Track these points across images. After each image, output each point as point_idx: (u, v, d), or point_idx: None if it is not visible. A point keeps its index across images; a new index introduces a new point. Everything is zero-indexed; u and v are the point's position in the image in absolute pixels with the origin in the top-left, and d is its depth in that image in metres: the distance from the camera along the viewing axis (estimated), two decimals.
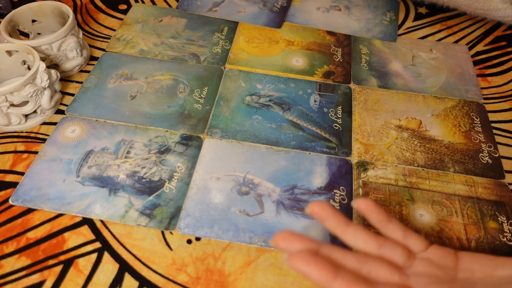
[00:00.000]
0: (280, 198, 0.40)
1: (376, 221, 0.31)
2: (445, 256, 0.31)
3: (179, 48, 0.55)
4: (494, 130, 0.47)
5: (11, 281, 0.35)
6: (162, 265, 0.36)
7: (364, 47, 0.56)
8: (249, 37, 0.57)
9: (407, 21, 0.61)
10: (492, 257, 0.31)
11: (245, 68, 0.53)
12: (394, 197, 0.41)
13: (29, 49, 0.45)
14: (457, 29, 0.60)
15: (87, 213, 0.39)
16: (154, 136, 0.45)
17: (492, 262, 0.30)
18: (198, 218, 0.39)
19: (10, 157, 0.43)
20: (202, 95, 0.49)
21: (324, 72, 0.53)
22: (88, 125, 0.46)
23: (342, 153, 0.44)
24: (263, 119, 0.47)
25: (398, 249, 0.30)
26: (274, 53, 0.55)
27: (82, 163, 0.42)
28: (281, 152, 0.44)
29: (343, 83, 0.51)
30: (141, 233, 0.38)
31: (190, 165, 0.43)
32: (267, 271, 0.36)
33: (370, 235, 0.30)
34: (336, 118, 0.47)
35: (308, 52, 0.55)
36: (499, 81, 0.53)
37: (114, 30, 0.57)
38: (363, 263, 0.29)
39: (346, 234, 0.30)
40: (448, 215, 0.40)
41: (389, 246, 0.30)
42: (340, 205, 0.40)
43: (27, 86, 0.42)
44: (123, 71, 0.51)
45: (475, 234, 0.39)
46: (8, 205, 0.39)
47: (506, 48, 0.58)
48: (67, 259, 0.36)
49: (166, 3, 0.62)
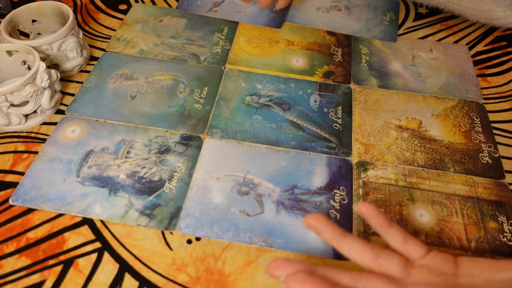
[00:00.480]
0: (280, 198, 0.40)
1: (377, 225, 0.31)
2: (445, 262, 0.31)
3: (179, 48, 0.55)
4: (494, 130, 0.47)
5: (11, 281, 0.35)
6: (162, 265, 0.36)
7: (364, 47, 0.56)
8: (249, 37, 0.57)
9: (407, 21, 0.61)
10: (491, 261, 0.31)
11: (245, 68, 0.53)
12: (394, 197, 0.41)
13: (29, 49, 0.45)
14: (457, 29, 0.60)
15: (87, 213, 0.39)
16: (154, 136, 0.45)
17: (492, 266, 0.30)
18: (198, 218, 0.39)
19: (10, 157, 0.43)
20: (202, 95, 0.49)
21: (324, 72, 0.53)
22: (88, 125, 0.46)
23: (342, 153, 0.44)
24: (263, 119, 0.47)
25: (395, 259, 0.30)
26: (274, 53, 0.55)
27: (82, 163, 0.42)
28: (281, 152, 0.44)
29: (343, 83, 0.51)
30: (141, 233, 0.38)
31: (190, 165, 0.43)
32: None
33: (366, 246, 0.30)
34: (336, 118, 0.47)
35: (308, 52, 0.55)
36: (499, 81, 0.53)
37: (114, 30, 0.57)
38: (358, 281, 0.29)
39: (343, 245, 0.30)
40: (448, 215, 0.40)
41: (386, 256, 0.30)
42: (340, 205, 0.40)
43: (27, 86, 0.42)
44: (123, 71, 0.52)
45: (475, 234, 0.39)
46: (8, 205, 0.39)
47: (506, 48, 0.58)
48: (67, 259, 0.36)
49: (166, 3, 0.62)
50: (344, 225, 0.39)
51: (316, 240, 0.38)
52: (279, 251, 0.37)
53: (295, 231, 0.38)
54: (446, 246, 0.37)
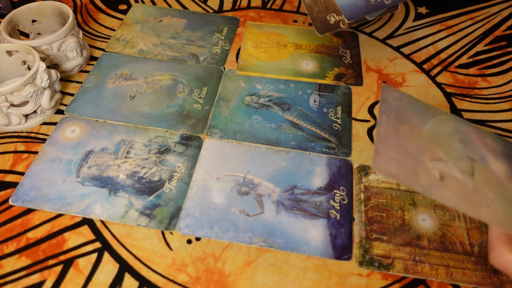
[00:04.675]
0: (280, 198, 0.40)
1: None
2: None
3: (179, 48, 0.55)
4: (494, 130, 0.47)
5: (11, 281, 0.35)
6: (162, 265, 0.36)
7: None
8: (257, 42, 0.57)
9: (407, 21, 0.61)
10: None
11: (256, 73, 0.52)
12: (396, 202, 0.41)
13: (29, 49, 0.45)
14: (457, 29, 0.60)
15: (87, 213, 0.39)
16: (154, 136, 0.45)
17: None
18: (198, 218, 0.39)
19: (10, 157, 0.43)
20: (201, 95, 0.49)
21: (335, 75, 0.52)
22: (88, 125, 0.46)
23: (341, 153, 0.44)
24: (262, 119, 0.47)
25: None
26: (283, 57, 0.55)
27: (82, 163, 0.42)
28: (281, 152, 0.44)
29: (355, 84, 0.51)
30: (141, 233, 0.38)
31: (190, 165, 0.43)
32: (267, 271, 0.36)
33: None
34: (336, 118, 0.47)
35: (317, 55, 0.55)
36: (499, 81, 0.53)
37: (114, 30, 0.57)
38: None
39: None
40: (451, 220, 0.40)
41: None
42: (340, 205, 0.40)
43: (27, 86, 0.42)
44: (123, 71, 0.51)
45: (478, 238, 0.38)
46: (8, 205, 0.39)
47: (506, 48, 0.58)
48: (67, 259, 0.36)
49: (166, 3, 0.62)
50: (344, 225, 0.39)
51: (316, 240, 0.38)
52: (279, 251, 0.37)
53: (295, 231, 0.38)
54: (449, 251, 0.37)
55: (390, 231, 0.38)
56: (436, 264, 0.37)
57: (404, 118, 0.31)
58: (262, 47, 0.56)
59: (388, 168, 0.27)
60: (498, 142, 0.33)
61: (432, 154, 0.29)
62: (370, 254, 0.37)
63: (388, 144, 0.28)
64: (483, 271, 0.36)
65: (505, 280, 0.36)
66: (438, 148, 0.30)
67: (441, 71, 0.54)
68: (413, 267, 0.36)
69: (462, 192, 0.28)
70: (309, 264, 0.36)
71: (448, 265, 0.36)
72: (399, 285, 0.36)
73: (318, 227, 0.38)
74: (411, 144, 0.29)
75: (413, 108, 0.32)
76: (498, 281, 0.36)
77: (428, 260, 0.37)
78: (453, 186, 0.28)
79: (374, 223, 0.39)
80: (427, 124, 0.31)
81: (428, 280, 0.36)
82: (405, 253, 0.37)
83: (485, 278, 0.36)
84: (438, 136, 0.31)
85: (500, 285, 0.35)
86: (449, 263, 0.37)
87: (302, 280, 0.35)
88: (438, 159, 0.29)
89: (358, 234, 0.38)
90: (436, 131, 0.31)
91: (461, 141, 0.32)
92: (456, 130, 0.32)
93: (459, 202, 0.28)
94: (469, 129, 0.33)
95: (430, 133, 0.31)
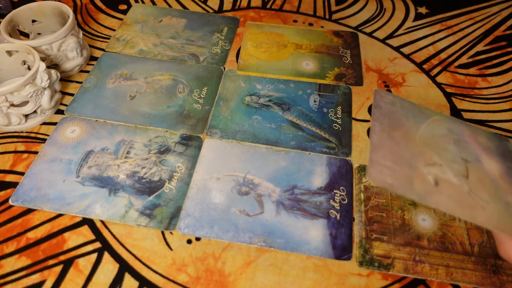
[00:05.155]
0: (280, 198, 0.40)
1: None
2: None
3: (179, 48, 0.55)
4: (494, 130, 0.47)
5: (11, 281, 0.35)
6: (162, 265, 0.36)
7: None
8: (257, 42, 0.57)
9: (407, 21, 0.61)
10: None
11: (256, 73, 0.52)
12: (396, 202, 0.41)
13: (29, 49, 0.45)
14: (457, 29, 0.60)
15: (87, 213, 0.39)
16: (154, 136, 0.45)
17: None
18: (198, 218, 0.39)
19: (10, 157, 0.43)
20: (201, 95, 0.49)
21: (336, 75, 0.52)
22: (88, 125, 0.46)
23: (341, 153, 0.44)
24: (262, 119, 0.47)
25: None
26: (284, 57, 0.55)
27: (82, 163, 0.42)
28: (281, 152, 0.44)
29: (355, 84, 0.51)
30: (141, 233, 0.38)
31: (190, 165, 0.43)
32: (267, 271, 0.36)
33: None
34: (336, 118, 0.47)
35: (317, 55, 0.55)
36: (499, 81, 0.53)
37: (114, 30, 0.57)
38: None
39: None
40: (451, 220, 0.40)
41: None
42: (340, 205, 0.40)
43: (27, 86, 0.42)
44: (123, 71, 0.52)
45: (478, 238, 0.38)
46: (8, 205, 0.39)
47: (506, 48, 0.58)
48: (67, 259, 0.36)
49: (166, 3, 0.62)
50: (344, 225, 0.39)
51: (316, 240, 0.38)
52: (279, 251, 0.37)
53: (295, 231, 0.38)
54: (449, 251, 0.37)
55: (390, 231, 0.38)
56: (436, 264, 0.37)
57: (397, 123, 0.31)
58: (262, 47, 0.56)
59: (384, 178, 0.27)
60: (492, 139, 0.33)
61: (427, 159, 0.29)
62: (370, 254, 0.37)
63: (382, 152, 0.28)
64: (483, 271, 0.36)
65: (505, 280, 0.36)
66: (432, 152, 0.30)
67: (441, 71, 0.54)
68: (413, 267, 0.36)
69: (458, 197, 0.28)
70: (309, 264, 0.36)
71: (448, 265, 0.36)
72: (399, 285, 0.36)
73: (318, 227, 0.38)
74: (406, 149, 0.29)
75: (407, 111, 0.32)
76: (498, 281, 0.36)
77: (428, 260, 0.37)
78: (448, 191, 0.28)
79: (374, 223, 0.39)
80: (421, 128, 0.31)
81: (428, 280, 0.36)
82: (405, 253, 0.37)
83: (485, 278, 0.36)
84: (432, 139, 0.31)
85: (500, 285, 0.35)
86: (449, 263, 0.37)
87: (302, 280, 0.35)
88: (433, 163, 0.29)
89: (358, 234, 0.38)
90: (430, 133, 0.31)
91: (455, 142, 0.32)
92: (449, 131, 0.32)
93: (455, 207, 0.28)
94: (462, 128, 0.33)
95: (424, 136, 0.31)
